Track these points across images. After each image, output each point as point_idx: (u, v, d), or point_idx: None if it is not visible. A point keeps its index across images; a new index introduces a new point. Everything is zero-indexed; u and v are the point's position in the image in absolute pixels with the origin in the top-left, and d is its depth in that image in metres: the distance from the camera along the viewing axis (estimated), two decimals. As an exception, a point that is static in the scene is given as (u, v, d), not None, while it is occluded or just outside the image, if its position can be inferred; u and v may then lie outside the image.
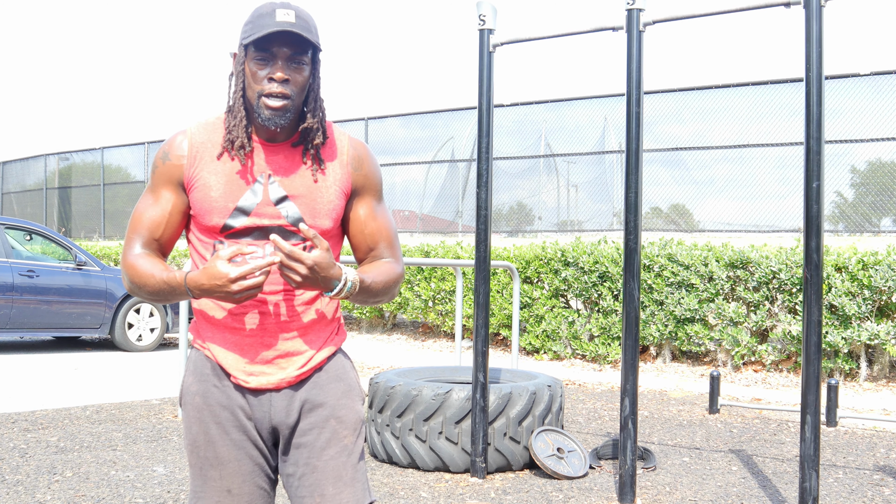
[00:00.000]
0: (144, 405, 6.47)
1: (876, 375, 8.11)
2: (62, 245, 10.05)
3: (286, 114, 1.86)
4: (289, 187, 1.91)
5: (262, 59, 1.84)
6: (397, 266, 2.01)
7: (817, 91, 3.66)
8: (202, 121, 1.97)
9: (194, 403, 1.96)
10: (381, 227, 2.01)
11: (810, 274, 3.69)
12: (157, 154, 1.96)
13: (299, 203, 1.91)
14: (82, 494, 4.08)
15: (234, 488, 1.93)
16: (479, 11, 4.58)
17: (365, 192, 2.00)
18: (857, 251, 8.15)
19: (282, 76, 1.84)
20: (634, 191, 4.16)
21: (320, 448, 1.93)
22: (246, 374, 1.93)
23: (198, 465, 1.96)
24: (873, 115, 10.92)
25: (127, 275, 1.92)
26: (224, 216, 1.89)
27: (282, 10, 1.82)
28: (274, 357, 1.93)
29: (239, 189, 1.90)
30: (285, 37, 1.83)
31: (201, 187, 1.90)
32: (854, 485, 4.62)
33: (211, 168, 1.91)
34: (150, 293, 1.89)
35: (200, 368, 1.97)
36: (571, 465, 4.65)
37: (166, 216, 1.93)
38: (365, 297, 1.93)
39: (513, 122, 14.17)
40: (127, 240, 1.95)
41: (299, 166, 1.93)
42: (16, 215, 23.04)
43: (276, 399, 1.94)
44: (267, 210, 1.89)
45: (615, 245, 9.65)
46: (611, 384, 8.14)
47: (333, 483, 1.93)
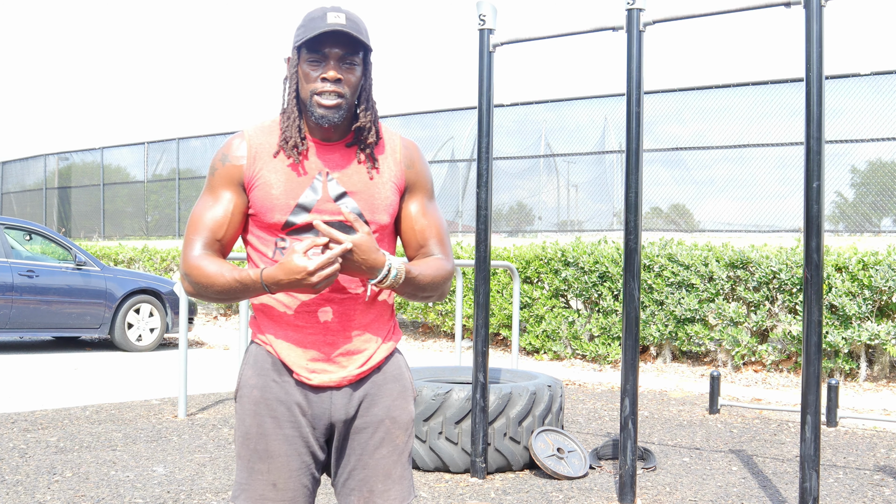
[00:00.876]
0: (144, 405, 6.47)
1: (876, 375, 8.11)
2: (62, 245, 10.05)
3: (339, 112, 1.91)
4: (347, 184, 1.96)
5: (315, 60, 1.90)
6: (447, 263, 2.03)
7: (817, 91, 3.66)
8: (258, 123, 2.03)
9: (251, 396, 1.99)
10: (431, 224, 2.05)
11: (810, 274, 3.68)
12: (216, 157, 2.00)
13: (358, 199, 1.96)
14: (82, 494, 4.08)
15: (280, 483, 1.96)
16: (479, 11, 4.58)
17: (416, 190, 2.05)
18: (857, 251, 8.15)
19: (334, 75, 1.89)
20: (634, 191, 4.15)
21: (373, 447, 2.00)
22: (308, 370, 1.97)
23: (246, 458, 1.99)
24: (873, 115, 10.92)
25: (190, 276, 1.93)
26: (286, 213, 1.94)
27: (332, 12, 1.89)
28: (336, 355, 1.97)
29: (299, 186, 1.95)
30: (336, 37, 1.89)
31: (262, 186, 1.95)
32: (854, 485, 4.62)
33: (270, 167, 1.96)
34: (219, 292, 1.91)
35: (261, 363, 2.00)
36: (571, 466, 4.64)
37: (228, 216, 1.97)
38: (413, 290, 1.95)
39: (513, 122, 14.18)
40: (186, 241, 1.97)
41: (355, 165, 1.98)
42: (16, 215, 23.04)
43: (337, 396, 1.98)
44: (327, 206, 1.94)
45: (615, 245, 9.65)
46: (611, 384, 8.14)
47: (383, 480, 1.99)
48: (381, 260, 1.85)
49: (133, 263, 15.43)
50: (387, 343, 2.04)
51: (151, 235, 19.50)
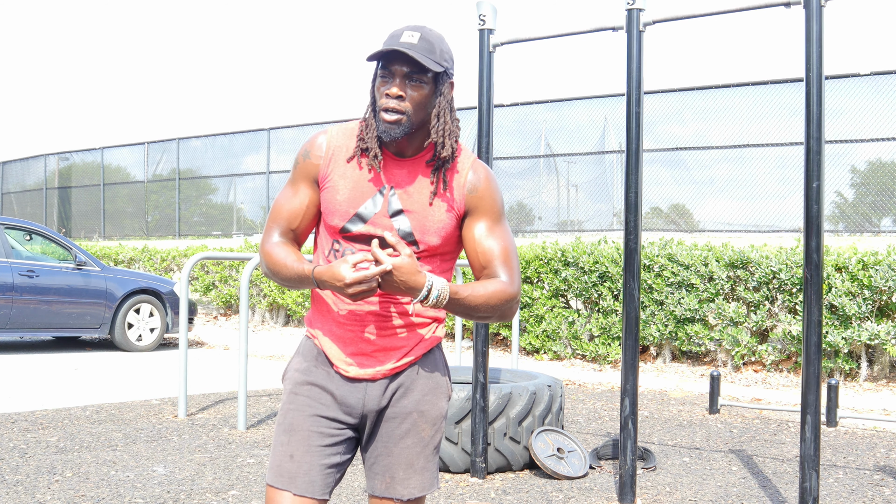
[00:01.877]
0: (144, 405, 6.47)
1: (876, 375, 8.11)
2: (62, 245, 10.05)
3: (399, 127, 1.97)
4: (406, 202, 2.04)
5: (384, 75, 1.99)
6: (508, 285, 2.06)
7: (817, 91, 3.66)
8: (342, 125, 2.11)
9: (293, 378, 2.14)
10: (493, 247, 2.08)
11: (810, 274, 3.68)
12: (300, 151, 2.11)
13: (412, 218, 2.04)
14: (82, 494, 4.08)
15: (296, 455, 2.06)
16: (479, 11, 4.58)
17: (479, 213, 2.09)
18: (857, 251, 8.15)
19: (396, 92, 1.96)
20: (634, 191, 4.15)
21: (399, 437, 2.10)
22: (346, 364, 2.08)
23: (277, 431, 2.12)
24: (873, 115, 10.92)
25: (264, 261, 2.10)
26: (344, 219, 2.04)
27: (409, 31, 1.97)
28: (373, 351, 2.08)
29: (362, 197, 2.04)
30: (402, 56, 1.95)
31: (331, 188, 2.06)
32: (854, 485, 4.62)
33: (341, 171, 2.06)
34: (283, 279, 2.06)
35: (307, 353, 2.15)
36: (571, 466, 4.65)
37: (304, 209, 2.10)
38: (465, 311, 2.03)
39: (513, 122, 14.17)
40: (266, 229, 2.13)
41: (421, 183, 2.05)
42: (16, 215, 23.04)
43: (371, 388, 2.09)
44: (382, 221, 2.03)
45: (615, 245, 9.65)
46: (611, 384, 8.14)
47: (405, 469, 2.09)
48: (420, 281, 1.93)
49: (133, 263, 15.43)
50: (426, 342, 2.12)
51: (151, 235, 19.50)
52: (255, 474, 4.53)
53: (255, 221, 18.23)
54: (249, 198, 18.44)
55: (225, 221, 18.67)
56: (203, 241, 17.05)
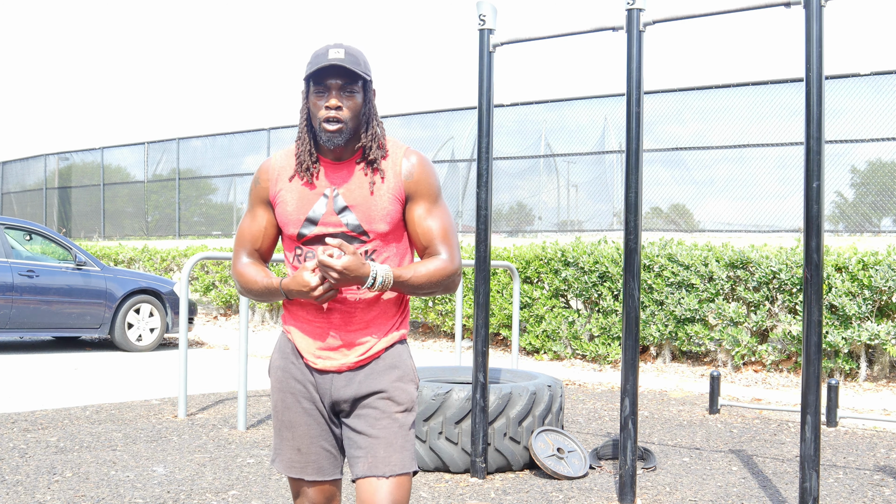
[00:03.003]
0: (144, 405, 6.47)
1: (876, 375, 8.11)
2: (62, 245, 10.05)
3: (341, 135, 2.20)
4: (349, 198, 2.25)
5: (320, 91, 2.20)
6: (449, 261, 2.29)
7: (817, 91, 3.66)
8: (283, 150, 2.37)
9: (276, 376, 2.38)
10: (433, 227, 2.30)
11: (810, 274, 3.68)
12: (252, 180, 2.38)
13: (357, 211, 2.25)
14: (82, 494, 4.08)
15: (303, 447, 2.34)
16: (479, 11, 4.58)
17: (418, 197, 2.30)
18: (857, 251, 8.15)
19: (335, 103, 2.18)
20: (634, 191, 4.15)
21: (374, 419, 2.27)
22: (315, 356, 2.31)
23: (277, 427, 2.38)
24: (873, 115, 10.92)
25: (236, 281, 2.37)
26: (297, 226, 2.27)
27: (334, 49, 2.19)
28: (339, 346, 2.30)
29: (308, 203, 2.27)
30: (336, 70, 2.18)
31: (281, 203, 2.30)
32: (854, 485, 4.62)
33: (287, 187, 2.30)
34: (256, 294, 2.32)
35: (283, 348, 2.38)
36: (571, 466, 4.65)
37: (262, 229, 2.36)
38: (411, 290, 2.25)
39: (513, 122, 14.17)
40: (234, 253, 2.40)
41: (359, 179, 2.27)
42: (16, 215, 23.04)
43: (337, 379, 2.31)
44: (331, 219, 2.25)
45: (615, 245, 9.65)
46: (611, 384, 8.14)
47: (385, 448, 2.26)
48: (366, 272, 2.16)
49: (133, 263, 15.43)
50: (387, 336, 2.32)
51: (151, 235, 19.50)
52: (255, 474, 4.53)
53: (255, 221, 18.20)
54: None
55: (225, 221, 18.67)
56: (203, 241, 17.04)
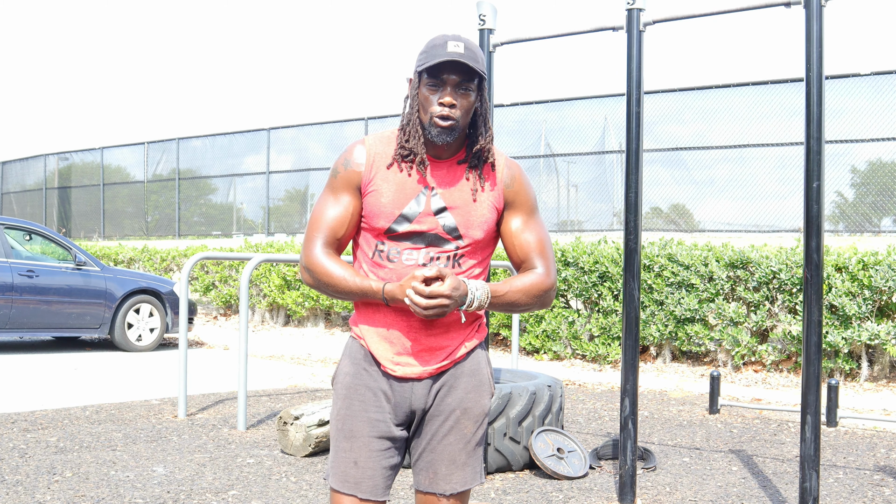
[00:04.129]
0: (144, 405, 6.47)
1: (876, 375, 8.11)
2: (62, 245, 10.04)
3: (453, 133, 2.09)
4: (448, 200, 2.15)
5: (434, 84, 2.09)
6: (545, 276, 2.19)
7: (817, 91, 3.66)
8: (378, 134, 2.22)
9: (344, 382, 2.21)
10: (530, 240, 2.22)
11: (810, 274, 3.68)
12: (338, 160, 2.20)
13: (455, 214, 2.15)
14: (82, 494, 4.08)
15: (360, 461, 2.15)
16: (479, 11, 4.58)
17: (516, 208, 2.22)
18: (857, 251, 8.15)
19: (450, 101, 2.07)
20: (634, 191, 4.15)
21: (442, 434, 2.18)
22: (393, 363, 2.16)
23: (335, 437, 2.20)
24: (873, 115, 10.92)
25: (313, 272, 2.16)
26: (389, 221, 2.13)
27: (453, 41, 2.07)
28: (419, 351, 2.16)
29: (405, 198, 2.14)
30: (454, 66, 2.06)
31: (375, 193, 2.14)
32: (854, 485, 4.62)
33: (383, 176, 2.15)
34: (339, 292, 2.14)
35: (355, 354, 2.22)
36: (571, 466, 4.64)
37: (348, 216, 2.17)
38: (506, 306, 2.16)
39: (513, 122, 14.17)
40: (309, 238, 2.18)
41: (460, 181, 2.17)
42: (16, 215, 23.04)
43: (418, 387, 2.17)
44: (427, 219, 2.14)
45: (615, 245, 9.65)
46: (611, 384, 8.14)
47: (447, 465, 2.18)
48: (465, 290, 2.06)
49: (133, 263, 15.43)
50: (469, 341, 2.21)
51: (151, 235, 19.50)
52: (255, 474, 4.53)
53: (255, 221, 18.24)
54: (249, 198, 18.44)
55: (225, 221, 18.68)
56: (203, 241, 17.05)
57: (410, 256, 2.13)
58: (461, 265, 2.16)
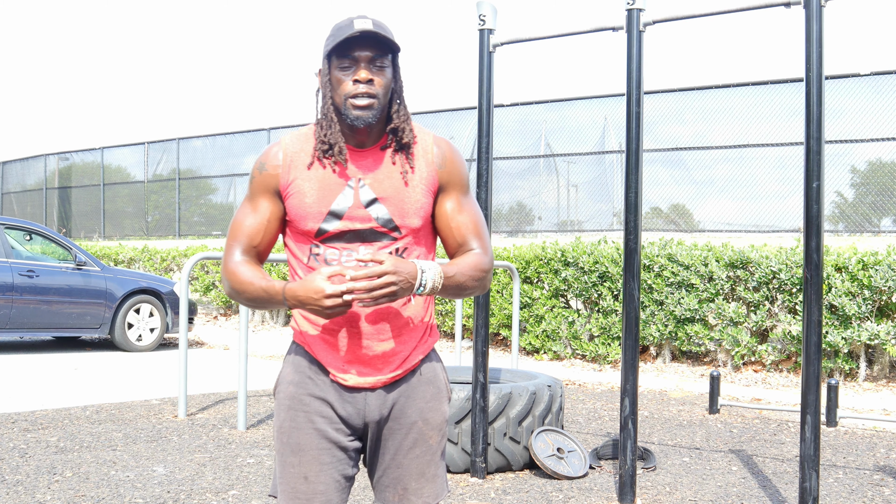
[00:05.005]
0: (144, 405, 6.47)
1: (876, 375, 8.11)
2: (62, 245, 10.05)
3: (372, 111, 1.94)
4: (378, 189, 2.00)
5: (346, 65, 1.95)
6: (485, 256, 2.07)
7: (817, 91, 3.66)
8: (294, 132, 2.08)
9: (287, 392, 2.05)
10: (467, 221, 2.08)
11: (810, 274, 3.68)
12: (255, 165, 2.05)
13: (388, 204, 1.99)
14: (82, 494, 4.08)
15: (310, 475, 2.00)
16: (479, 11, 4.58)
17: (451, 188, 2.07)
18: (857, 251, 8.15)
19: (366, 76, 1.93)
20: (634, 191, 4.15)
21: (407, 447, 2.06)
22: (343, 372, 2.02)
23: (280, 451, 2.05)
24: (873, 115, 10.92)
25: (228, 281, 2.03)
26: (318, 221, 1.98)
27: (359, 19, 1.95)
28: (370, 358, 2.02)
29: (331, 194, 1.99)
30: (365, 40, 1.94)
31: (297, 194, 2.00)
32: (854, 485, 4.62)
33: (304, 175, 2.00)
34: (249, 299, 2.00)
35: (299, 362, 2.06)
36: (571, 465, 4.65)
37: (265, 224, 2.04)
38: (456, 289, 2.00)
39: (513, 122, 14.17)
40: (227, 247, 2.06)
41: (388, 169, 2.01)
42: (16, 215, 23.03)
43: (371, 398, 2.03)
44: (358, 213, 1.98)
45: (615, 245, 9.65)
46: (611, 384, 8.14)
47: (416, 479, 2.06)
48: (413, 271, 1.90)
49: (133, 263, 15.43)
50: (422, 345, 2.08)
51: (151, 235, 19.50)
52: (255, 474, 4.53)
53: (255, 221, 18.20)
54: (249, 198, 18.41)
55: (225, 221, 18.67)
56: (203, 241, 17.04)
57: (350, 257, 1.97)
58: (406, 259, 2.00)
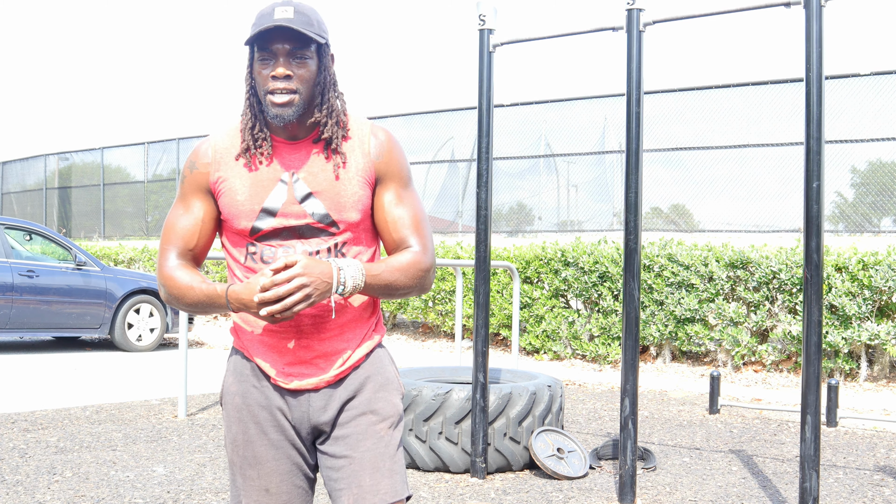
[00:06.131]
0: (144, 405, 6.47)
1: (876, 375, 8.11)
2: (62, 245, 10.05)
3: (291, 108, 1.84)
4: (312, 184, 1.90)
5: (265, 58, 1.84)
6: (422, 253, 1.94)
7: (817, 91, 3.66)
8: (224, 127, 1.97)
9: (234, 403, 1.97)
10: (405, 215, 1.96)
11: (810, 274, 3.68)
12: (185, 164, 1.97)
13: (323, 199, 1.90)
14: (82, 494, 4.08)
15: (272, 487, 1.94)
16: (479, 11, 4.58)
17: (388, 180, 1.96)
18: (857, 251, 8.15)
19: (283, 72, 1.82)
20: (634, 191, 4.15)
21: (356, 440, 1.93)
22: (285, 375, 1.93)
23: (237, 465, 1.97)
24: (873, 115, 10.91)
25: (164, 286, 1.93)
26: (251, 219, 1.89)
27: (280, 7, 1.82)
28: (312, 358, 1.93)
29: (264, 190, 1.89)
30: (283, 33, 1.81)
31: (228, 192, 1.91)
32: (854, 485, 4.62)
33: (235, 172, 1.91)
34: (189, 304, 1.90)
35: (240, 369, 1.98)
36: (571, 466, 4.65)
37: (199, 225, 1.94)
38: (384, 289, 1.90)
39: (513, 122, 14.17)
40: (161, 251, 1.95)
41: (321, 162, 1.91)
42: (16, 215, 23.04)
43: (315, 399, 1.94)
44: (293, 209, 1.89)
45: (615, 245, 9.65)
46: (611, 384, 8.14)
47: (371, 474, 1.91)
48: (328, 270, 1.80)
49: (133, 263, 15.43)
50: (366, 342, 1.98)
51: (151, 235, 19.50)
52: (255, 474, 4.53)
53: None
54: (249, 198, 18.42)
55: (225, 221, 18.67)
56: (203, 241, 17.03)
57: (287, 254, 1.87)
58: (345, 255, 1.92)
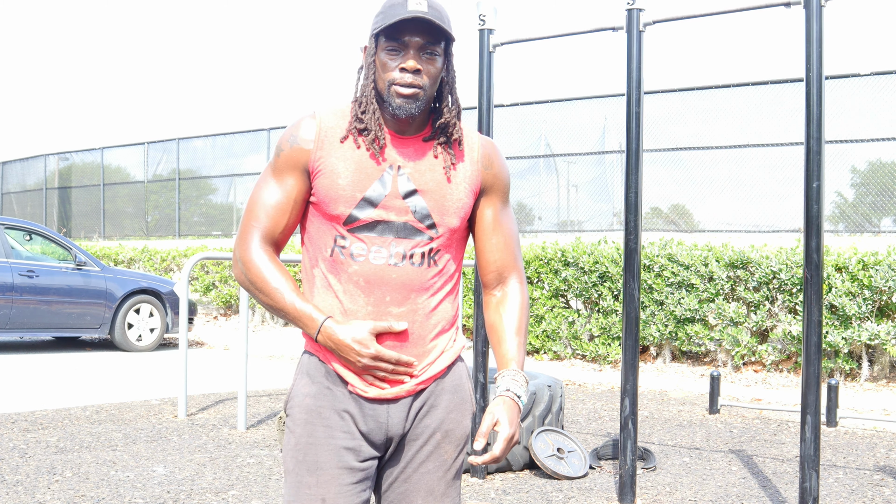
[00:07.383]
0: (144, 405, 6.47)
1: (876, 375, 8.11)
2: (62, 245, 10.05)
3: (417, 102, 1.78)
4: (418, 181, 1.82)
5: (394, 48, 1.78)
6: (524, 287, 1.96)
7: (817, 91, 3.66)
8: (331, 105, 1.89)
9: (304, 405, 1.85)
10: (507, 239, 1.92)
11: (810, 274, 3.68)
12: (283, 137, 1.85)
13: (428, 199, 1.82)
14: (82, 494, 4.08)
15: (328, 498, 1.80)
16: (479, 11, 4.58)
17: (493, 193, 1.91)
18: (857, 251, 8.15)
19: (413, 66, 1.76)
20: (634, 191, 4.15)
21: (420, 460, 1.87)
22: (365, 383, 1.82)
23: (294, 471, 1.84)
24: (873, 115, 10.91)
25: (248, 272, 1.81)
26: (350, 206, 1.79)
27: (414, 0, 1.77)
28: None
29: (368, 178, 1.80)
30: (417, 25, 1.76)
31: (328, 173, 1.80)
32: (854, 485, 4.62)
33: (339, 154, 1.81)
34: (270, 306, 1.81)
35: (314, 372, 1.86)
36: (571, 466, 4.64)
37: (290, 204, 1.83)
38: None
39: (513, 122, 14.17)
40: (245, 229, 1.84)
41: (430, 161, 1.84)
42: (16, 215, 23.04)
43: (394, 409, 1.84)
44: (395, 203, 1.80)
45: (615, 245, 9.65)
46: (611, 384, 8.14)
47: (423, 497, 1.86)
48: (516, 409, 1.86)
49: (133, 263, 15.43)
50: (448, 352, 1.90)
51: (151, 236, 19.50)
52: (255, 474, 4.53)
53: (255, 221, 18.20)
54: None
55: (225, 221, 18.67)
56: (203, 241, 17.04)
57: (379, 254, 1.79)
58: (437, 262, 1.83)
